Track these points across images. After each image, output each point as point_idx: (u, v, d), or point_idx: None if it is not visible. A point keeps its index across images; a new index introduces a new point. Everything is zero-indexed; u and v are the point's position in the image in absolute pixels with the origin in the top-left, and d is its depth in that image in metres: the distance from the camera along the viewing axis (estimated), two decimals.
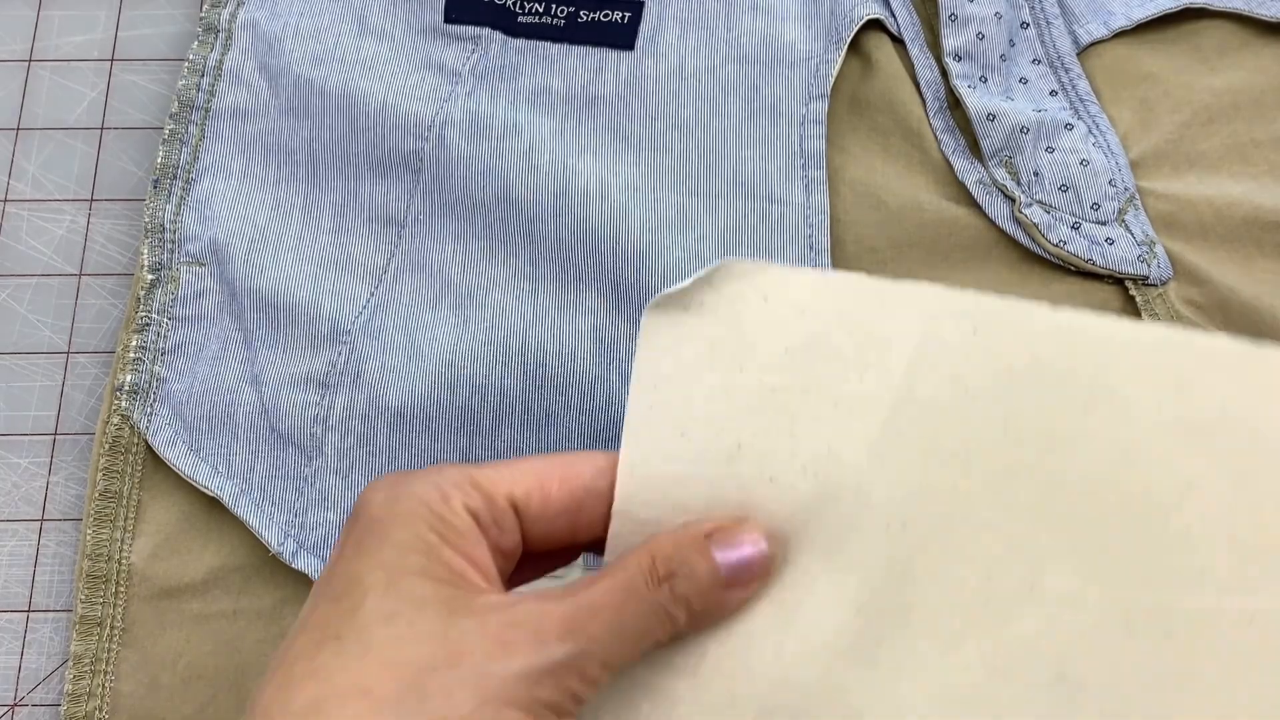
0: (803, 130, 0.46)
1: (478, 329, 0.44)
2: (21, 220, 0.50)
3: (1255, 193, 0.44)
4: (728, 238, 0.44)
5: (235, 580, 0.43)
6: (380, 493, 0.29)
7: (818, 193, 0.45)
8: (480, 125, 0.47)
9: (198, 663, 0.42)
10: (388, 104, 0.47)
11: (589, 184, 0.45)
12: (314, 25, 0.50)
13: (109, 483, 0.44)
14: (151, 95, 0.52)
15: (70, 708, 0.42)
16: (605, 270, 0.44)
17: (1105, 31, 0.48)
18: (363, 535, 0.28)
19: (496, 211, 0.46)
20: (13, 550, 0.46)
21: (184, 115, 0.49)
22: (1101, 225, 0.44)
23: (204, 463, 0.44)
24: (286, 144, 0.48)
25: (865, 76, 0.48)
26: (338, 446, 0.43)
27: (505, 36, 0.49)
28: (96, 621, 0.43)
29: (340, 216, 0.47)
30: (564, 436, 0.43)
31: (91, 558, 0.43)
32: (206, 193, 0.48)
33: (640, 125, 0.46)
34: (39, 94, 0.52)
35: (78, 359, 0.48)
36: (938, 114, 0.47)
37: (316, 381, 0.44)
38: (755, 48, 0.47)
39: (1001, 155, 0.46)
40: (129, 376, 0.45)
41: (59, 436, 0.47)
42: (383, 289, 0.46)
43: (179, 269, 0.47)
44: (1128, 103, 0.47)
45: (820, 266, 0.44)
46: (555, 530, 0.30)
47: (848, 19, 0.48)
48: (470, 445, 0.43)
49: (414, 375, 0.43)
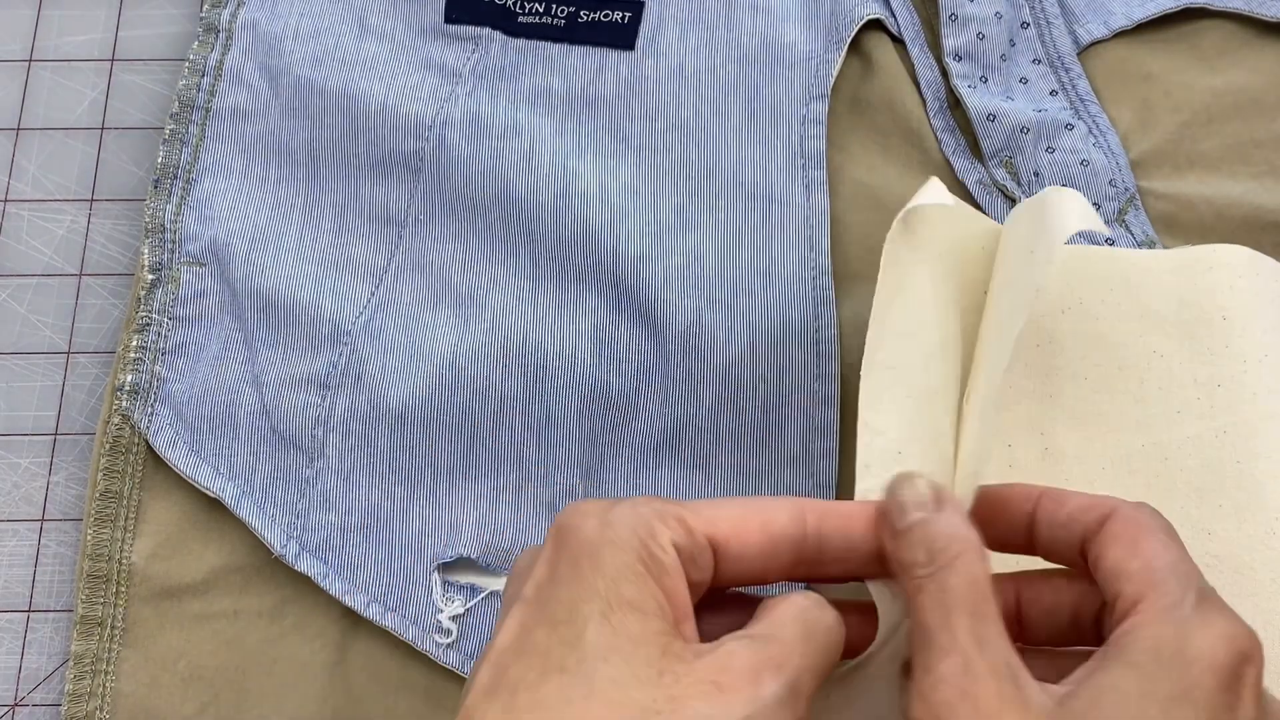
0: (803, 130, 0.46)
1: (478, 330, 0.44)
2: (22, 220, 0.50)
3: (1255, 193, 0.44)
4: (728, 238, 0.44)
5: (236, 580, 0.43)
6: (590, 518, 0.29)
7: (818, 193, 0.45)
8: (480, 125, 0.47)
9: (198, 663, 0.42)
10: (388, 104, 0.47)
11: (589, 184, 0.45)
12: (314, 25, 0.50)
13: (109, 483, 0.44)
14: (151, 95, 0.52)
15: (70, 708, 0.42)
16: (605, 271, 0.44)
17: (1105, 31, 0.48)
18: (577, 558, 0.28)
19: (497, 212, 0.46)
20: (13, 550, 0.46)
21: (184, 115, 0.49)
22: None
23: (205, 464, 0.44)
24: (287, 144, 0.48)
25: (865, 76, 0.48)
26: (339, 447, 0.43)
27: (505, 37, 0.49)
28: (97, 621, 0.43)
29: (340, 217, 0.47)
30: (564, 437, 0.43)
31: (92, 558, 0.43)
32: (207, 193, 0.48)
33: (640, 125, 0.46)
34: (39, 94, 0.52)
35: (78, 359, 0.48)
36: (938, 114, 0.47)
37: (317, 382, 0.44)
38: (755, 48, 0.47)
39: (1002, 155, 0.46)
40: (129, 377, 0.45)
41: (59, 436, 0.47)
42: (383, 289, 0.46)
43: (179, 269, 0.47)
44: (1128, 103, 0.47)
45: (818, 267, 0.44)
46: (746, 572, 0.30)
47: (848, 19, 0.48)
48: (471, 446, 0.43)
49: (415, 376, 0.43)
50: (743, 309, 0.43)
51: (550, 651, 0.27)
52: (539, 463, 0.43)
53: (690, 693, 0.27)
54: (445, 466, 0.43)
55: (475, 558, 0.42)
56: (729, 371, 0.43)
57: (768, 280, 0.44)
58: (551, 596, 0.28)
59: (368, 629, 0.42)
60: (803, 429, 0.42)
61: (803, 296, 0.43)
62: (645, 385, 0.43)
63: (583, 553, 0.28)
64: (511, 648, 0.28)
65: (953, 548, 0.29)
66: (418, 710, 0.41)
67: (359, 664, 0.42)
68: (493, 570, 0.42)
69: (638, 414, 0.43)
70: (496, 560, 0.42)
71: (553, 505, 0.43)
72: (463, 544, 0.42)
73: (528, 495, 0.43)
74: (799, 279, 0.44)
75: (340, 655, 0.42)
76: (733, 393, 0.43)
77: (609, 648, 0.27)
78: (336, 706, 0.42)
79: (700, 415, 0.43)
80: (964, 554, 0.29)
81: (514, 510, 0.43)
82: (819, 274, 0.44)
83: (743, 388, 0.43)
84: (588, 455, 0.43)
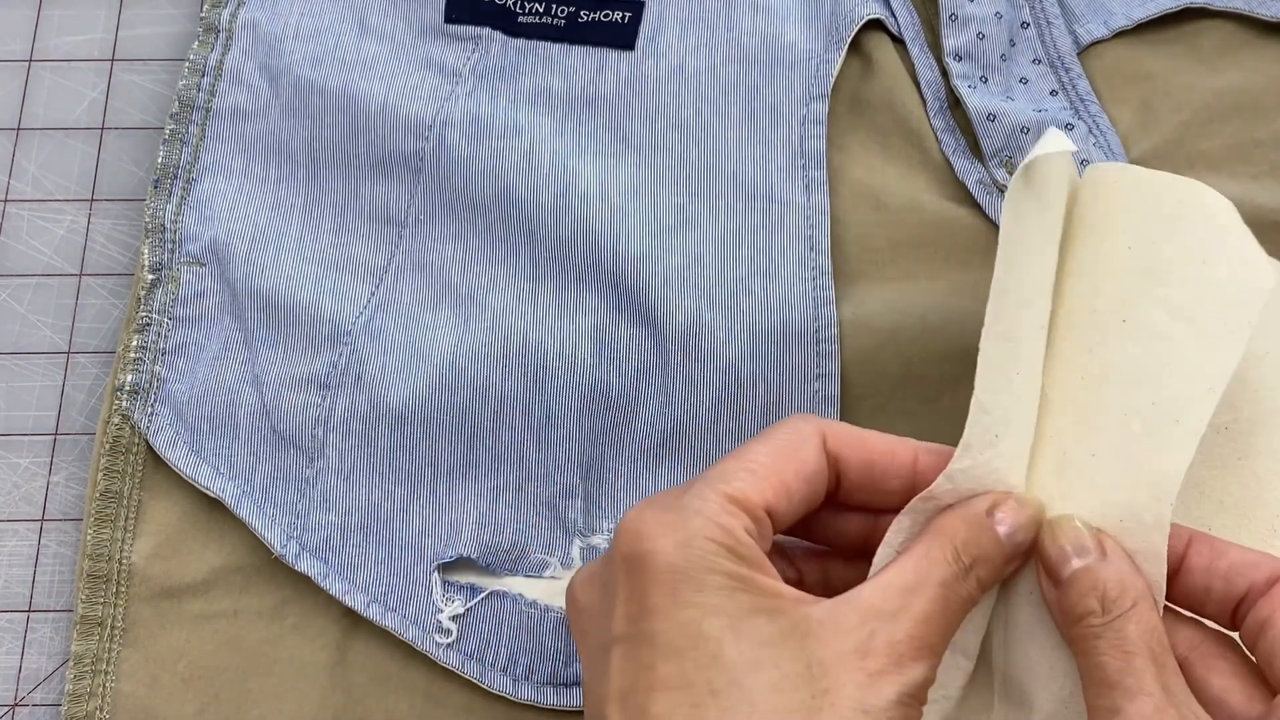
0: (803, 130, 0.46)
1: (478, 330, 0.44)
2: (22, 220, 0.50)
3: (1256, 193, 0.44)
4: (728, 238, 0.44)
5: (236, 580, 0.43)
6: (662, 540, 0.29)
7: (818, 193, 0.45)
8: (480, 125, 0.47)
9: (198, 663, 0.42)
10: (388, 104, 0.47)
11: (589, 184, 0.45)
12: (314, 25, 0.50)
13: (109, 483, 0.44)
14: (151, 95, 0.52)
15: (71, 708, 0.42)
16: (605, 271, 0.44)
17: (1105, 31, 0.48)
18: (673, 585, 0.28)
19: (497, 212, 0.46)
20: (13, 550, 0.46)
21: (185, 115, 0.49)
22: None
23: (205, 464, 0.44)
24: (287, 144, 0.48)
25: (865, 76, 0.48)
26: (339, 447, 0.43)
27: (505, 36, 0.49)
28: (97, 621, 0.43)
29: (341, 217, 0.47)
30: (564, 437, 0.43)
31: (92, 558, 0.43)
32: (207, 193, 0.48)
33: (640, 125, 0.46)
34: (39, 94, 0.52)
35: (78, 359, 0.48)
36: (938, 114, 0.47)
37: (317, 382, 0.44)
38: (755, 48, 0.47)
39: (1002, 155, 0.46)
40: (130, 376, 0.45)
41: (59, 436, 0.47)
42: (383, 289, 0.46)
43: (179, 269, 0.47)
44: (1128, 103, 0.47)
45: (818, 267, 0.44)
46: (792, 518, 0.31)
47: (848, 19, 0.48)
48: (471, 446, 0.43)
49: (415, 376, 0.43)
50: (743, 309, 0.43)
51: (691, 680, 0.27)
52: (539, 462, 0.43)
53: (843, 681, 0.27)
54: (445, 466, 0.43)
55: (475, 558, 0.42)
56: (729, 371, 0.43)
57: (768, 280, 0.44)
58: (657, 629, 0.28)
59: (368, 629, 0.42)
60: None
61: (803, 296, 0.43)
62: (645, 385, 0.43)
63: (675, 578, 0.28)
64: (639, 687, 0.28)
65: (1127, 598, 0.29)
66: (418, 710, 0.41)
67: (359, 664, 0.42)
68: (493, 570, 0.42)
69: (638, 414, 0.43)
70: (496, 560, 0.42)
71: (552, 505, 0.43)
72: (463, 544, 0.42)
73: (528, 495, 0.43)
74: (799, 279, 0.44)
75: (340, 655, 0.42)
76: (733, 393, 0.43)
77: (752, 658, 0.27)
78: (336, 706, 0.42)
79: (700, 415, 0.43)
80: (1139, 603, 0.29)
81: (514, 510, 0.43)
82: (819, 274, 0.44)
83: (743, 388, 0.43)
84: (588, 455, 0.43)
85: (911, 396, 0.43)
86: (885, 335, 0.43)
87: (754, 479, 0.30)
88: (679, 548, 0.28)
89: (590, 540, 0.42)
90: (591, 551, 0.42)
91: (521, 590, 0.42)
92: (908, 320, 0.43)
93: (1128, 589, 0.29)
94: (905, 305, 0.44)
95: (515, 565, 0.42)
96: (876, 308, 0.44)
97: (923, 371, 0.43)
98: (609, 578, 0.30)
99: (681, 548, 0.28)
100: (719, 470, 0.31)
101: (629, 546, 0.29)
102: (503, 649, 0.41)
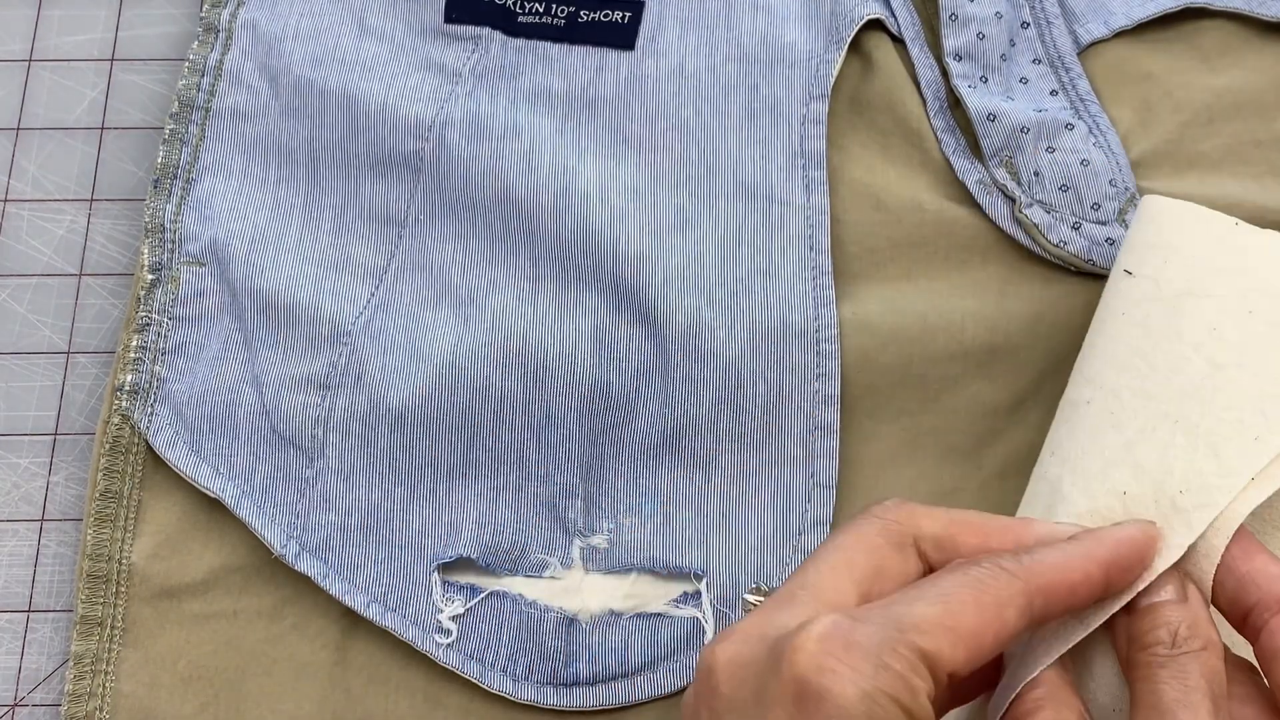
0: (803, 130, 0.46)
1: (478, 330, 0.44)
2: (21, 220, 0.50)
3: (1256, 193, 0.44)
4: (728, 238, 0.44)
5: (236, 580, 0.43)
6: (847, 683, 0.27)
7: (818, 193, 0.45)
8: (480, 126, 0.47)
9: (198, 663, 0.42)
10: (388, 104, 0.47)
11: (589, 185, 0.45)
12: (314, 26, 0.50)
13: (109, 483, 0.44)
14: (151, 95, 0.52)
15: (70, 708, 0.42)
16: (606, 271, 0.44)
17: (1105, 31, 0.48)
18: None
19: (496, 212, 0.46)
20: (13, 550, 0.46)
21: (184, 115, 0.49)
22: (1102, 225, 0.44)
23: (205, 464, 0.44)
24: (287, 144, 0.48)
25: (865, 76, 0.48)
26: (339, 447, 0.43)
27: (505, 36, 0.49)
28: (97, 621, 0.43)
29: (340, 217, 0.47)
30: (564, 437, 0.43)
31: (92, 558, 0.43)
32: (207, 193, 0.48)
33: (640, 125, 0.46)
34: (39, 94, 0.52)
35: (78, 359, 0.48)
36: (938, 114, 0.47)
37: (317, 382, 0.44)
38: (755, 48, 0.47)
39: (1002, 155, 0.46)
40: (129, 376, 0.45)
41: (59, 436, 0.47)
42: (383, 290, 0.46)
43: (179, 269, 0.47)
44: (1128, 103, 0.47)
45: (818, 267, 0.44)
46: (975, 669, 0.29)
47: (848, 19, 0.48)
48: (471, 446, 0.43)
49: (415, 376, 0.43)
50: (743, 309, 0.43)
51: None
52: (539, 463, 0.43)
53: None
54: (445, 466, 0.43)
55: (475, 557, 0.42)
56: (729, 371, 0.43)
57: (768, 280, 0.44)
58: None
59: (368, 629, 0.42)
60: (803, 429, 0.42)
61: (803, 296, 0.43)
62: (645, 385, 0.43)
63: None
64: None
65: (1197, 640, 0.29)
66: (418, 710, 0.41)
67: (359, 664, 0.42)
68: (493, 570, 0.42)
69: (638, 414, 0.43)
70: (496, 560, 0.42)
71: (552, 505, 0.43)
72: (462, 544, 0.42)
73: (527, 495, 0.43)
74: (799, 279, 0.44)
75: (340, 655, 0.42)
76: (733, 392, 0.43)
77: None
78: (336, 706, 0.42)
79: (700, 415, 0.43)
80: (1209, 649, 0.29)
81: (514, 510, 0.43)
82: (819, 274, 0.44)
83: (743, 387, 0.43)
84: (588, 455, 0.43)
85: (911, 396, 0.43)
86: (885, 335, 0.43)
87: (952, 638, 0.28)
88: (862, 699, 0.26)
89: (590, 540, 0.42)
90: (591, 551, 0.42)
91: (521, 590, 0.42)
92: (908, 320, 0.43)
93: (1199, 633, 0.29)
94: (905, 305, 0.44)
95: (515, 565, 0.42)
96: (876, 308, 0.44)
97: (923, 371, 0.43)
98: (769, 687, 0.28)
99: (864, 699, 0.26)
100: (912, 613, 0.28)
101: (806, 671, 0.27)
102: (503, 649, 0.41)
